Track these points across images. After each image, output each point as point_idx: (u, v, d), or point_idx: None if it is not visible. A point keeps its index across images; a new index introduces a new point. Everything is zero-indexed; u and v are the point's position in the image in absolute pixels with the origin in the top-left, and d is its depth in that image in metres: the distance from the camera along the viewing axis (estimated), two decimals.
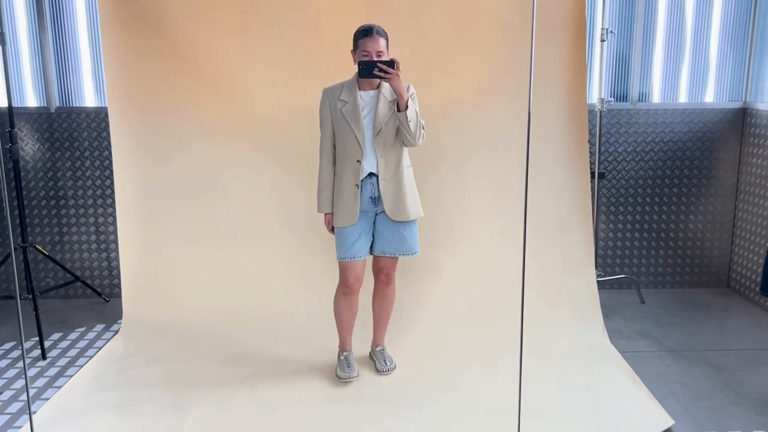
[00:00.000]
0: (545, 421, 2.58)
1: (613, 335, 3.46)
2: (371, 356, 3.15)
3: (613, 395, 2.81)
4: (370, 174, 2.82)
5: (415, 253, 2.96)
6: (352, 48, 2.81)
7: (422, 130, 2.78)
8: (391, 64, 2.65)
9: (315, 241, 3.60)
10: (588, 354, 3.21)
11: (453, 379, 2.96)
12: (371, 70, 2.66)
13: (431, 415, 2.66)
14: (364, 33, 2.74)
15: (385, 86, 2.80)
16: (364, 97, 2.81)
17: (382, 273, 3.00)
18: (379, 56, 2.71)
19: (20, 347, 3.40)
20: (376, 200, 2.85)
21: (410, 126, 2.71)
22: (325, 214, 2.92)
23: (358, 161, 2.80)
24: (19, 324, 2.01)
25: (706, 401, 2.80)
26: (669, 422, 2.58)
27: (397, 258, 2.98)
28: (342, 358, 3.03)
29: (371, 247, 2.95)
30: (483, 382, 2.93)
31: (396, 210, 2.85)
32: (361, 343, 3.18)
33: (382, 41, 2.73)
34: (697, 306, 3.94)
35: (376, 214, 2.90)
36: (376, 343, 3.15)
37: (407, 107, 2.69)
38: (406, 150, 2.88)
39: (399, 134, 2.79)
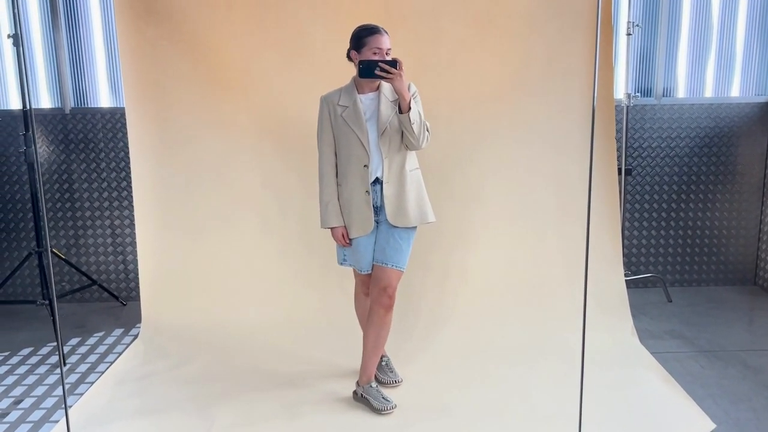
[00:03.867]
0: (585, 427, 2.51)
1: (642, 335, 3.38)
2: (362, 396, 2.76)
3: (649, 398, 2.73)
4: (376, 180, 2.68)
5: (403, 269, 2.70)
6: (352, 47, 2.64)
7: (426, 132, 2.62)
8: (394, 63, 2.50)
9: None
10: (618, 355, 3.14)
11: (482, 382, 2.90)
12: (372, 69, 2.50)
13: (460, 419, 2.59)
14: (372, 31, 2.59)
15: (386, 86, 2.66)
16: (364, 100, 2.66)
17: (385, 294, 2.67)
18: (388, 54, 2.58)
19: (38, 353, 3.35)
20: (379, 209, 2.69)
21: (413, 128, 2.55)
22: (334, 228, 2.70)
23: (365, 166, 2.63)
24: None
25: (745, 403, 2.72)
26: (710, 426, 2.51)
27: (400, 273, 2.70)
28: (383, 363, 2.94)
29: None
30: (513, 385, 2.87)
31: (396, 214, 2.66)
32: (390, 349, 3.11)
33: (389, 39, 2.60)
34: (725, 304, 3.86)
35: (378, 224, 2.72)
36: (368, 378, 2.78)
37: (410, 108, 2.54)
38: (412, 152, 2.74)
39: (403, 136, 2.65)
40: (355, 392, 2.78)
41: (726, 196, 4.05)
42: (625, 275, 3.69)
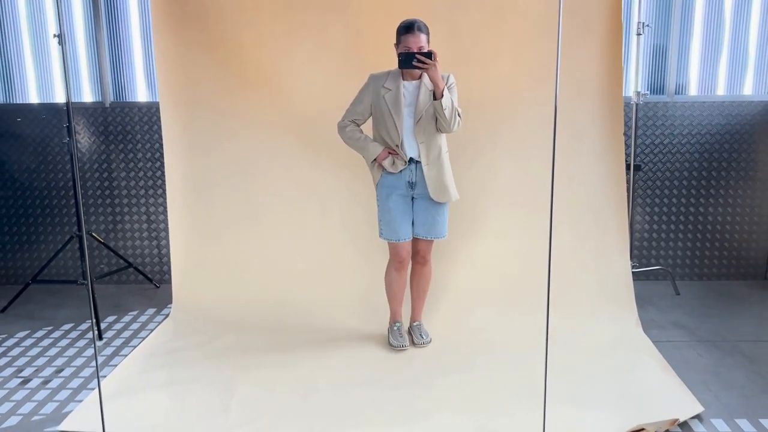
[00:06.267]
0: (573, 406, 2.65)
1: (647, 325, 3.50)
2: (409, 331, 3.34)
3: (642, 382, 2.86)
4: (410, 159, 3.04)
5: (444, 236, 3.19)
6: (395, 41, 3.01)
7: (458, 118, 2.99)
8: (429, 55, 2.85)
9: (355, 228, 3.75)
10: (620, 343, 3.26)
11: (488, 366, 3.05)
12: (410, 61, 2.86)
13: (459, 399, 2.74)
14: (406, 29, 2.94)
15: (426, 76, 2.99)
16: (408, 86, 3.02)
17: (419, 255, 3.23)
18: (421, 50, 2.90)
19: (78, 328, 3.63)
20: (414, 185, 3.08)
21: (445, 113, 2.91)
22: (379, 156, 3.05)
23: (397, 146, 3.04)
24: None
25: (737, 390, 2.84)
26: (698, 409, 2.63)
27: (432, 241, 3.21)
28: (395, 328, 3.28)
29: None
30: (513, 367, 3.01)
31: (439, 192, 3.07)
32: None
33: (423, 36, 2.93)
34: (733, 298, 3.95)
35: (413, 198, 3.12)
36: (414, 318, 3.36)
37: (443, 95, 2.89)
38: (444, 136, 3.10)
39: (437, 121, 2.99)
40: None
41: (738, 192, 4.13)
42: (633, 267, 3.81)
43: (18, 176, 4.27)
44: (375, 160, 3.08)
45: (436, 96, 2.92)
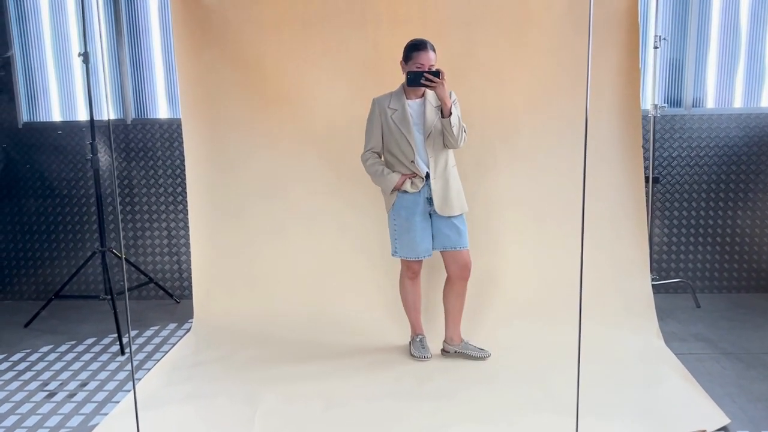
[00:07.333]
0: (599, 418, 2.65)
1: (668, 338, 3.49)
2: (464, 354, 3.25)
3: (667, 394, 2.85)
4: (427, 175, 3.08)
5: (468, 246, 3.16)
6: (401, 59, 3.05)
7: (464, 133, 3.06)
8: (437, 73, 2.92)
9: (373, 243, 3.76)
10: (642, 355, 3.26)
11: (510, 378, 3.05)
12: (419, 79, 2.93)
13: (485, 414, 2.74)
14: (418, 47, 2.99)
15: (429, 94, 3.07)
16: (412, 105, 3.08)
17: (465, 270, 3.16)
18: (432, 68, 2.97)
19: (101, 343, 3.67)
20: (431, 200, 3.11)
21: (453, 130, 2.99)
22: (397, 184, 3.09)
23: (412, 161, 3.08)
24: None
25: (763, 402, 2.82)
26: (725, 420, 2.62)
27: (468, 250, 3.15)
28: (417, 340, 3.30)
29: (433, 244, 3.19)
30: (535, 380, 3.01)
31: (443, 206, 3.10)
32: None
33: (433, 55, 3.00)
34: (754, 310, 3.93)
35: (431, 214, 3.14)
36: (459, 339, 3.27)
37: (451, 113, 2.96)
38: (451, 151, 3.15)
39: (444, 137, 3.06)
40: (443, 350, 3.32)
41: (758, 204, 4.12)
42: (653, 280, 3.80)
43: (41, 193, 4.34)
44: (394, 188, 3.11)
45: (444, 114, 2.99)
